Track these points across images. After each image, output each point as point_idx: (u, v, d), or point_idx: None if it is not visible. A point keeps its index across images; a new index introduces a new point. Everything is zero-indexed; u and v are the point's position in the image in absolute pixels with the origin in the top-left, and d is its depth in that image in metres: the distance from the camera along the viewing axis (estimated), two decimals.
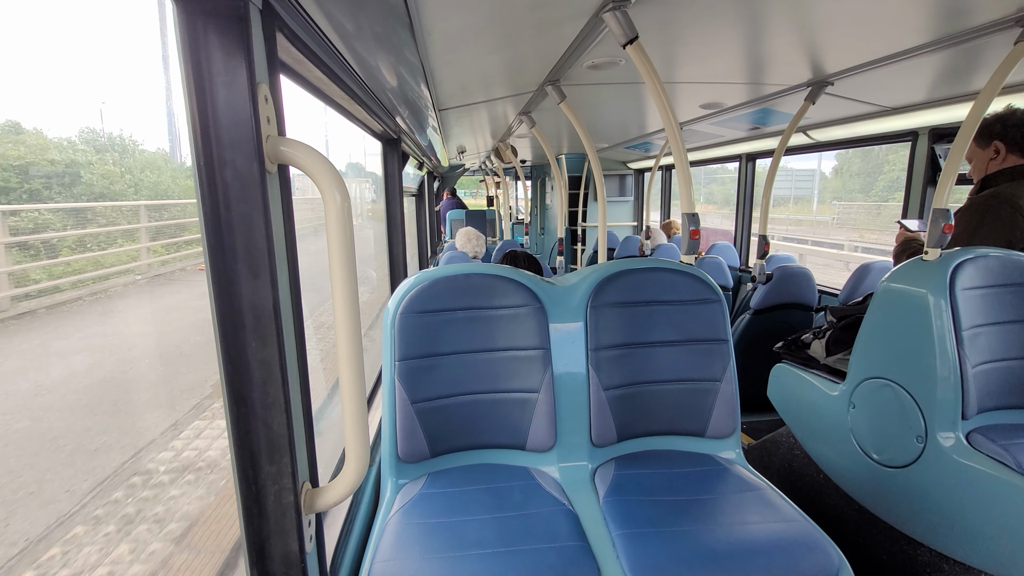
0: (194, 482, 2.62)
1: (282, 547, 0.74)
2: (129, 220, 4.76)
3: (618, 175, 6.16)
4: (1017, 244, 1.58)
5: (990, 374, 1.43)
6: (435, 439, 1.31)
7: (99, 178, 4.25)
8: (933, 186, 2.58)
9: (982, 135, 1.74)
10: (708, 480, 1.24)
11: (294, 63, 1.02)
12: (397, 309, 1.30)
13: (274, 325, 0.69)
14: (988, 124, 1.72)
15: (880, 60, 1.73)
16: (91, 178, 4.16)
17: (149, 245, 5.12)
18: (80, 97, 5.36)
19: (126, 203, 4.63)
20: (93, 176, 4.18)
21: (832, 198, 26.70)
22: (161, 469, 2.68)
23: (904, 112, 2.44)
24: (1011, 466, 1.25)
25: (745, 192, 4.17)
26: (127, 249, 4.79)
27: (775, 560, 0.98)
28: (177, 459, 2.78)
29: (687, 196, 1.46)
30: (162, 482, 2.58)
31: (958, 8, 1.31)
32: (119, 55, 4.51)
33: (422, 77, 1.83)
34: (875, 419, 1.60)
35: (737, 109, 2.68)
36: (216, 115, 0.64)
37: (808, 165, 27.95)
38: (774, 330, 2.82)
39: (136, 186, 4.70)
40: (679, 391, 1.41)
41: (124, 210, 4.63)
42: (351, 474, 0.77)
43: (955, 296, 1.42)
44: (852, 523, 1.68)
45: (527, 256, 2.13)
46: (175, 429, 3.06)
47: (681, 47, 1.68)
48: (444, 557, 0.97)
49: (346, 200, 0.71)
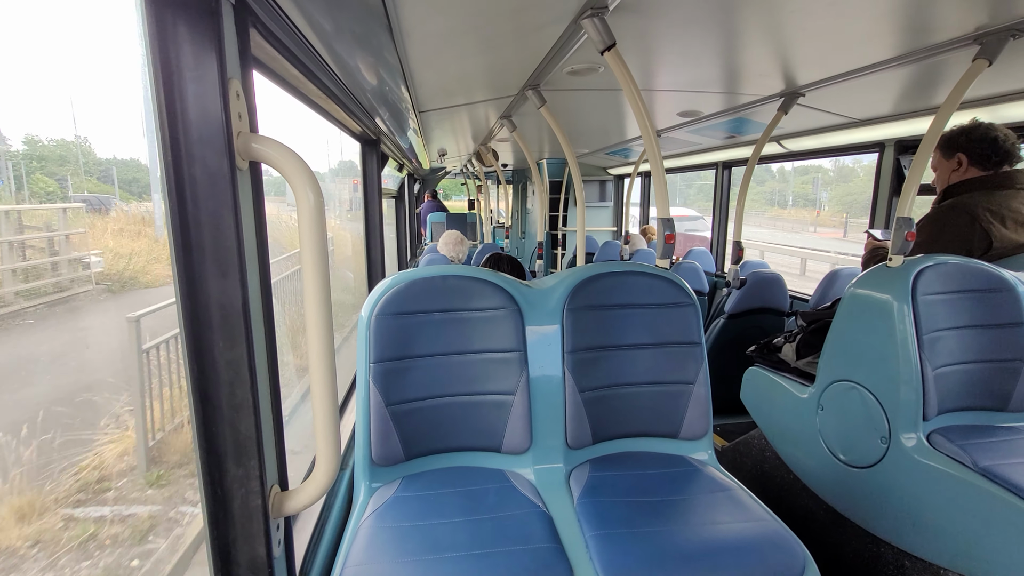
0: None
1: (248, 552, 0.73)
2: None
3: (598, 180, 6.23)
4: (975, 252, 1.65)
5: (949, 377, 1.48)
6: (410, 442, 1.30)
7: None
8: (898, 196, 2.68)
9: (947, 146, 1.80)
10: (681, 481, 1.26)
11: (269, 60, 1.01)
12: (373, 311, 1.29)
13: (243, 325, 0.68)
14: (953, 136, 1.78)
15: (848, 73, 1.80)
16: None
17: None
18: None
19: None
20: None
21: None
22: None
23: (871, 124, 2.53)
24: (968, 465, 1.30)
25: (721, 199, 4.26)
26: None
27: (744, 559, 1.00)
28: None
29: (663, 202, 1.49)
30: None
31: (921, 26, 1.37)
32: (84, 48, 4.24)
33: (402, 79, 1.82)
34: (842, 421, 1.65)
35: (713, 118, 2.74)
36: (185, 110, 0.63)
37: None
38: (748, 334, 2.88)
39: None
40: (653, 393, 1.43)
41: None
42: (322, 477, 0.76)
43: (917, 302, 1.47)
44: (820, 522, 1.72)
45: (510, 259, 2.13)
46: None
47: (658, 55, 1.72)
48: (417, 561, 0.96)
49: (319, 199, 0.70)
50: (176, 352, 3.29)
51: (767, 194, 36.15)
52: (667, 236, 1.47)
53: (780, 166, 28.81)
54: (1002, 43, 1.35)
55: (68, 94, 3.69)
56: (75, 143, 4.06)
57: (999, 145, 1.69)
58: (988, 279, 1.53)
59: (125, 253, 3.39)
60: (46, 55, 3.70)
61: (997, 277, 1.54)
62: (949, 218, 1.71)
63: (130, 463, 2.74)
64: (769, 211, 34.48)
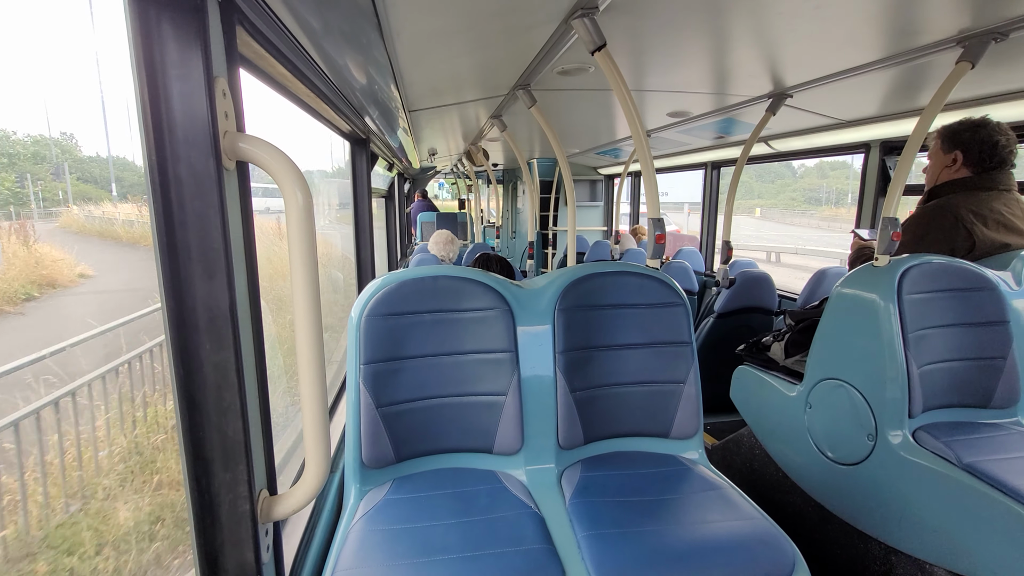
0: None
1: (237, 557, 0.72)
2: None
3: (588, 180, 6.25)
4: (958, 252, 1.68)
5: (934, 374, 1.51)
6: (400, 444, 1.29)
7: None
8: (884, 196, 2.71)
9: (949, 139, 1.76)
10: (671, 480, 1.26)
11: (256, 58, 0.99)
12: (363, 312, 1.28)
13: (230, 327, 0.67)
14: (958, 131, 1.73)
15: (835, 75, 1.82)
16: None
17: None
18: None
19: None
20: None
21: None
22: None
23: (858, 125, 2.56)
24: (952, 461, 1.32)
25: (710, 199, 4.29)
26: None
27: (734, 557, 1.01)
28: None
29: (653, 202, 1.49)
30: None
31: (905, 28, 1.39)
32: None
33: (391, 78, 1.81)
34: (830, 418, 1.66)
35: (702, 118, 2.76)
36: (170, 108, 0.62)
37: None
38: (737, 333, 2.90)
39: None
40: (644, 393, 1.44)
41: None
42: (311, 480, 0.76)
43: (902, 300, 1.49)
44: (809, 519, 1.74)
45: (500, 259, 2.13)
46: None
47: (648, 56, 1.72)
48: (408, 563, 0.96)
49: (308, 199, 0.69)
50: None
51: (806, 191, 33.36)
52: (657, 236, 1.48)
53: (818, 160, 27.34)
54: (984, 46, 1.38)
55: (44, 87, 3.49)
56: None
57: (998, 151, 1.68)
58: (971, 278, 1.56)
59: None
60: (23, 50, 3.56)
61: (980, 276, 1.56)
62: (934, 218, 1.74)
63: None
64: (820, 211, 31.62)
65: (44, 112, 3.82)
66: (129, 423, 2.65)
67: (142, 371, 2.75)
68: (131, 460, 2.39)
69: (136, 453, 2.44)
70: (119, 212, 3.05)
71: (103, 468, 2.34)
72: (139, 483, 2.26)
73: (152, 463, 2.40)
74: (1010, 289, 1.59)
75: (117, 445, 2.48)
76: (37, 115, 3.20)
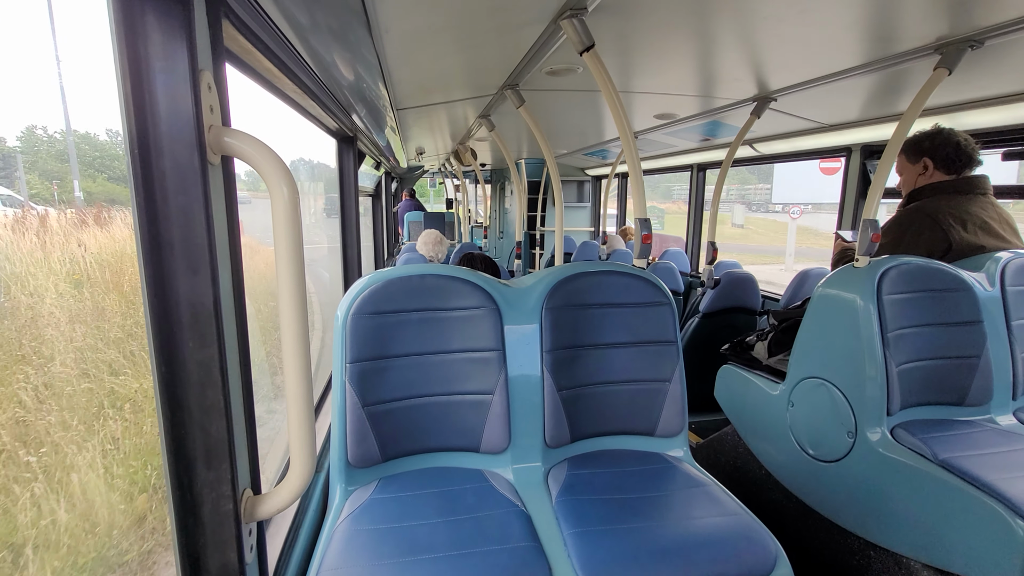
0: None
1: (219, 558, 0.71)
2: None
3: (576, 181, 6.27)
4: (936, 253, 1.72)
5: (912, 373, 1.54)
6: (387, 443, 1.28)
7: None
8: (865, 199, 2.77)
9: (913, 151, 1.86)
10: (657, 478, 1.27)
11: (242, 53, 0.98)
12: (349, 310, 1.27)
13: (214, 324, 0.66)
14: (918, 141, 1.84)
15: (818, 79, 1.85)
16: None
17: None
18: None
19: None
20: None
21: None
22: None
23: (839, 129, 2.61)
24: (928, 457, 1.36)
25: (696, 201, 4.34)
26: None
27: (718, 552, 1.02)
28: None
29: (640, 202, 1.50)
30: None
31: (885, 35, 1.42)
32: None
33: (379, 75, 1.80)
34: (811, 416, 1.69)
35: (689, 120, 2.79)
36: (154, 102, 0.61)
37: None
38: (721, 333, 2.94)
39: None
40: (630, 392, 1.45)
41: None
42: (295, 480, 0.75)
43: (882, 301, 1.53)
44: (790, 516, 1.77)
45: (484, 258, 2.13)
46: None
47: (636, 58, 1.74)
48: (394, 563, 0.95)
49: (294, 195, 0.69)
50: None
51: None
52: (644, 236, 1.49)
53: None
54: (961, 53, 1.41)
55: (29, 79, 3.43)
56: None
57: (961, 149, 1.77)
58: (948, 279, 1.60)
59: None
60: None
61: (956, 277, 1.60)
62: (913, 221, 1.78)
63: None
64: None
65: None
66: None
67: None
68: None
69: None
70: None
71: None
72: None
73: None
74: (984, 290, 1.63)
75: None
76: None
